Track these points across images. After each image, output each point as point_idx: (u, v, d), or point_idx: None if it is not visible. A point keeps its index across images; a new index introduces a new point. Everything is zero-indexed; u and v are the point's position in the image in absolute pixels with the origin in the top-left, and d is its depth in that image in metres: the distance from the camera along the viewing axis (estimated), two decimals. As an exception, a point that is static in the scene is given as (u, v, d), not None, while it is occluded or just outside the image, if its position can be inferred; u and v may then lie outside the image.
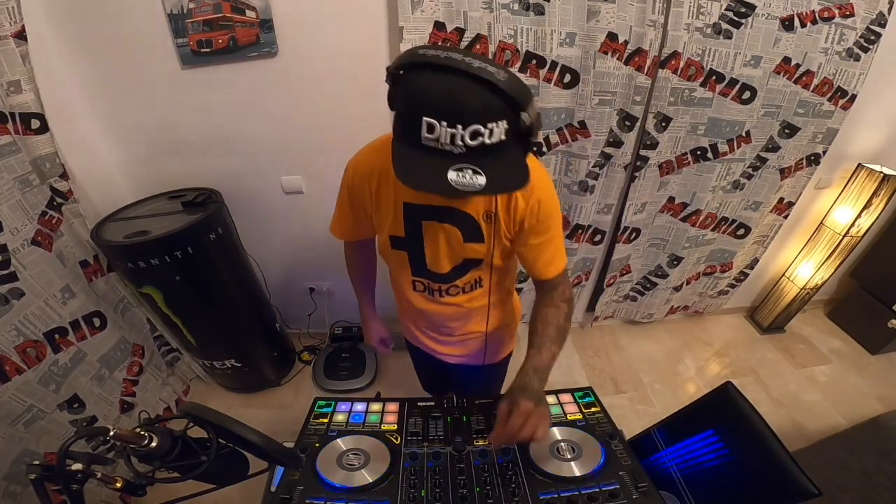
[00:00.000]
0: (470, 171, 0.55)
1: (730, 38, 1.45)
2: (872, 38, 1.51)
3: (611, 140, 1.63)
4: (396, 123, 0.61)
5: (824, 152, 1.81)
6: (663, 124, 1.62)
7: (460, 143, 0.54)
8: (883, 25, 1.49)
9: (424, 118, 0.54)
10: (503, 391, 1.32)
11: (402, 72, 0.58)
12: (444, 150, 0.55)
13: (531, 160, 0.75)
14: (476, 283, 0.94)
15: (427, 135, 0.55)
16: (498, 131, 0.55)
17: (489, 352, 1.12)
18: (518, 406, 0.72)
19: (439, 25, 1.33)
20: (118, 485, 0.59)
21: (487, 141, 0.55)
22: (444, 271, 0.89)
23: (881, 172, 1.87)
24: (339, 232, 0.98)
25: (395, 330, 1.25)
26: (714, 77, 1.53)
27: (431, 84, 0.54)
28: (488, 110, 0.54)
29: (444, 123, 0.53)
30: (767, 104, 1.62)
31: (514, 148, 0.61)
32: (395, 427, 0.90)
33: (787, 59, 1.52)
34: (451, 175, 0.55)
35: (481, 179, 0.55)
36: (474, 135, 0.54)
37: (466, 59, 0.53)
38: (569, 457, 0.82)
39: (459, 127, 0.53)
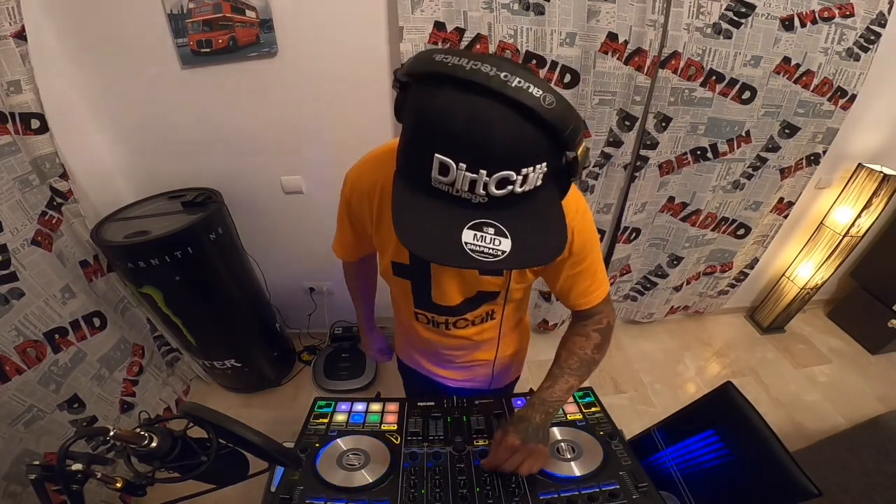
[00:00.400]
0: (492, 231, 0.42)
1: (730, 38, 1.45)
2: (872, 38, 1.51)
3: (611, 140, 1.63)
4: (400, 151, 0.47)
5: (824, 152, 1.81)
6: (663, 124, 1.62)
7: (482, 191, 0.41)
8: (883, 25, 1.49)
9: (437, 155, 0.40)
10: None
11: (415, 80, 0.44)
12: (460, 197, 0.42)
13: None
14: (488, 315, 0.85)
15: (439, 177, 0.42)
16: (534, 177, 0.41)
17: (494, 379, 1.05)
18: (505, 440, 0.71)
19: (439, 25, 1.33)
20: (118, 485, 0.59)
21: (518, 189, 0.42)
22: (452, 304, 0.79)
23: (881, 172, 1.87)
24: (342, 252, 0.89)
25: (378, 316, 1.21)
26: (714, 77, 1.53)
27: (450, 108, 0.40)
28: (525, 150, 0.40)
29: (464, 166, 0.40)
30: (767, 104, 1.62)
31: (549, 194, 0.46)
32: (395, 427, 0.90)
33: (787, 59, 1.52)
34: (467, 237, 0.42)
35: (505, 244, 0.42)
36: (502, 183, 0.41)
37: (502, 73, 0.38)
38: (569, 457, 0.81)
39: (483, 172, 0.40)
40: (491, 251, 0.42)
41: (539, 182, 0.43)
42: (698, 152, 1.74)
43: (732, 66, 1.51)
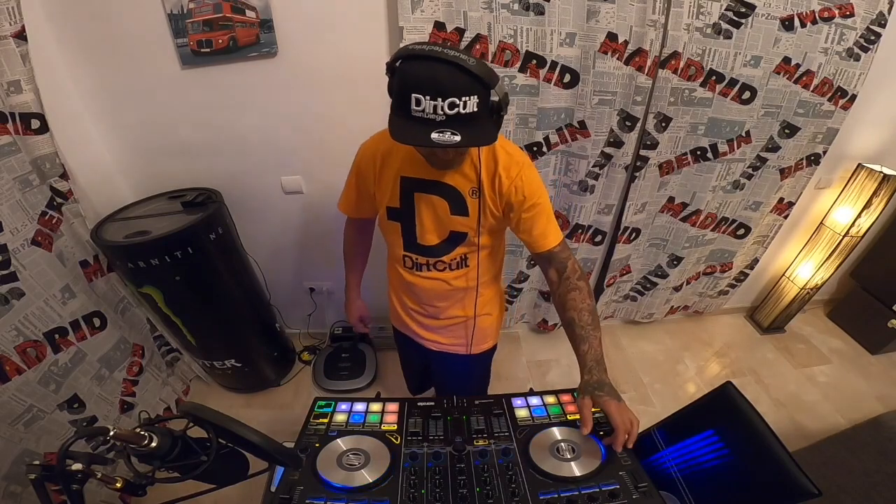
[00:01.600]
0: (448, 132, 0.68)
1: (730, 38, 1.45)
2: (872, 38, 1.51)
3: (611, 140, 1.63)
4: (393, 103, 0.72)
5: (824, 152, 1.81)
6: (663, 124, 1.62)
7: (441, 112, 0.67)
8: (883, 25, 1.49)
9: (413, 95, 0.67)
10: (488, 387, 1.42)
11: (397, 63, 0.70)
12: (429, 118, 0.68)
13: (511, 147, 0.93)
14: (462, 260, 1.02)
15: (415, 107, 0.67)
16: (471, 103, 0.68)
17: (474, 342, 1.18)
18: (611, 408, 0.81)
19: (439, 25, 1.33)
20: (118, 485, 0.59)
21: (462, 111, 0.67)
22: (432, 244, 0.99)
23: (881, 172, 1.87)
24: (345, 208, 1.11)
25: (378, 315, 1.27)
26: (714, 77, 1.53)
27: (418, 69, 0.67)
28: (461, 86, 0.67)
29: (428, 97, 0.66)
30: (767, 104, 1.62)
31: (487, 120, 0.73)
32: (395, 427, 0.90)
33: (787, 59, 1.52)
34: (434, 135, 0.68)
35: (456, 137, 0.68)
36: (451, 105, 0.66)
37: (445, 50, 0.66)
38: (569, 457, 0.82)
39: (440, 99, 0.66)
40: (448, 140, 0.68)
41: (475, 108, 0.69)
42: (698, 152, 1.74)
43: (732, 67, 1.51)
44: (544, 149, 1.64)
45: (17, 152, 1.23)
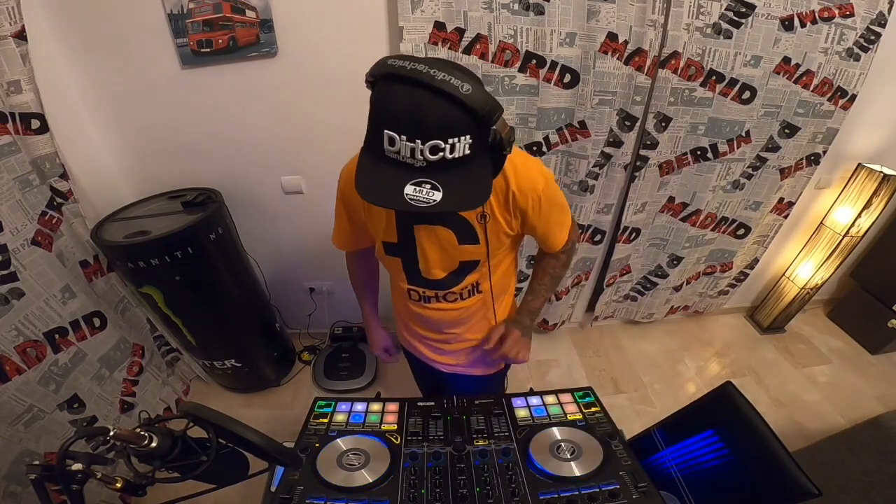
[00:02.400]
0: (428, 186, 0.55)
1: (730, 38, 1.45)
2: (872, 38, 1.51)
3: (611, 140, 1.63)
4: (367, 132, 0.59)
5: (824, 152, 1.81)
6: (663, 124, 1.62)
7: (420, 157, 0.53)
8: (883, 25, 1.49)
9: (385, 131, 0.53)
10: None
11: (375, 80, 0.57)
12: (405, 162, 0.54)
13: (524, 156, 0.81)
14: (474, 287, 0.93)
15: (388, 147, 0.54)
16: (460, 146, 0.54)
17: (485, 361, 1.10)
18: (512, 334, 0.97)
19: (439, 25, 1.33)
20: (118, 485, 0.59)
21: (448, 156, 0.54)
22: (438, 278, 0.89)
23: (881, 172, 1.87)
24: (340, 242, 1.00)
25: (393, 330, 1.25)
26: (714, 77, 1.53)
27: (395, 97, 0.53)
28: (449, 124, 0.53)
29: (404, 137, 0.52)
30: (767, 104, 1.62)
31: (481, 162, 0.59)
32: (395, 427, 0.90)
33: (787, 59, 1.52)
34: (408, 189, 0.54)
35: (437, 195, 0.54)
36: (434, 150, 0.53)
37: (433, 71, 0.51)
38: (569, 457, 0.82)
39: (418, 141, 0.52)
40: (425, 199, 0.55)
41: (467, 151, 0.55)
42: (698, 152, 1.74)
43: (732, 66, 1.50)
44: (544, 149, 1.64)
45: (17, 152, 1.23)
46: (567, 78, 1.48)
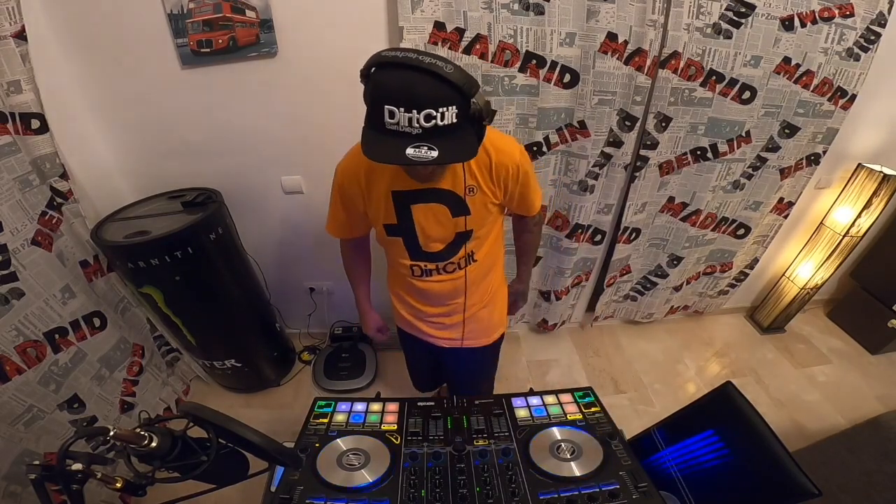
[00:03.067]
0: (425, 148, 0.64)
1: (730, 38, 1.45)
2: (872, 38, 1.51)
3: (611, 140, 1.63)
4: (366, 114, 0.69)
5: (824, 152, 1.81)
6: (663, 124, 1.62)
7: (416, 125, 0.63)
8: (883, 25, 1.49)
9: (386, 106, 0.63)
10: (495, 374, 1.47)
11: (371, 71, 0.67)
12: (403, 132, 0.64)
13: (500, 134, 0.93)
14: (470, 257, 1.03)
15: (389, 120, 0.63)
16: (449, 114, 0.64)
17: (482, 331, 1.20)
18: (522, 298, 1.33)
19: (439, 25, 1.33)
20: (118, 485, 0.59)
21: (440, 122, 0.64)
22: (437, 250, 0.98)
23: (881, 172, 1.87)
24: (334, 230, 1.08)
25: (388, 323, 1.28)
26: (714, 77, 1.53)
27: (391, 78, 0.64)
28: (438, 96, 0.63)
29: (402, 109, 0.62)
30: (767, 104, 1.62)
31: (467, 130, 0.70)
32: (395, 427, 0.90)
33: (787, 59, 1.52)
34: (409, 151, 0.64)
35: (433, 153, 0.64)
36: (428, 117, 0.63)
37: (420, 56, 0.62)
38: (569, 457, 0.82)
39: (415, 111, 0.62)
40: (424, 156, 0.64)
41: (454, 119, 0.65)
42: (698, 152, 1.74)
43: (732, 66, 1.50)
44: (544, 149, 1.64)
45: (17, 152, 1.23)
46: (567, 78, 1.48)
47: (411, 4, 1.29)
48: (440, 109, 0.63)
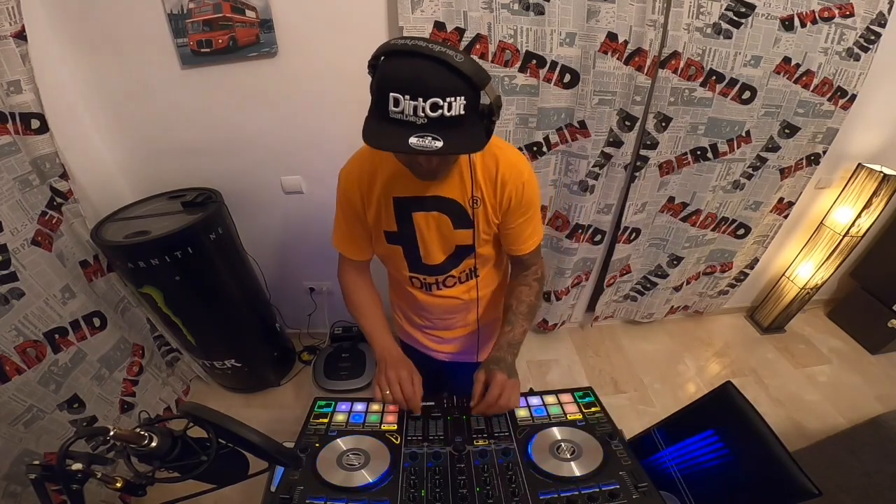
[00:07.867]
0: (429, 138, 0.61)
1: (730, 38, 1.45)
2: (872, 38, 1.51)
3: (611, 140, 1.63)
4: (371, 103, 0.65)
5: (824, 152, 1.81)
6: (663, 124, 1.62)
7: (422, 114, 0.60)
8: (883, 25, 1.49)
9: (391, 94, 0.60)
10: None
11: (379, 60, 0.64)
12: (408, 120, 0.61)
13: (509, 150, 0.87)
14: (471, 272, 0.98)
15: (393, 108, 0.60)
16: (456, 105, 0.61)
17: (482, 346, 1.14)
18: (495, 378, 0.84)
19: (439, 25, 1.33)
20: (118, 485, 0.59)
21: (447, 113, 0.60)
22: (438, 262, 0.94)
23: (881, 172, 1.87)
24: (341, 243, 0.99)
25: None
26: (714, 77, 1.53)
27: (399, 66, 0.61)
28: (446, 86, 0.60)
29: (408, 97, 0.59)
30: (767, 104, 1.62)
31: (475, 124, 0.66)
32: (395, 427, 0.90)
33: (787, 59, 1.52)
34: (412, 140, 0.60)
35: (438, 143, 0.61)
36: (434, 107, 0.59)
37: (430, 45, 0.59)
38: (569, 457, 0.81)
39: (420, 99, 0.59)
40: (428, 146, 0.60)
41: (462, 111, 0.61)
42: (698, 152, 1.74)
43: (732, 66, 1.50)
44: (544, 149, 1.64)
45: (17, 152, 1.23)
46: (567, 78, 1.48)
47: (411, 4, 1.29)
48: (447, 99, 0.60)
